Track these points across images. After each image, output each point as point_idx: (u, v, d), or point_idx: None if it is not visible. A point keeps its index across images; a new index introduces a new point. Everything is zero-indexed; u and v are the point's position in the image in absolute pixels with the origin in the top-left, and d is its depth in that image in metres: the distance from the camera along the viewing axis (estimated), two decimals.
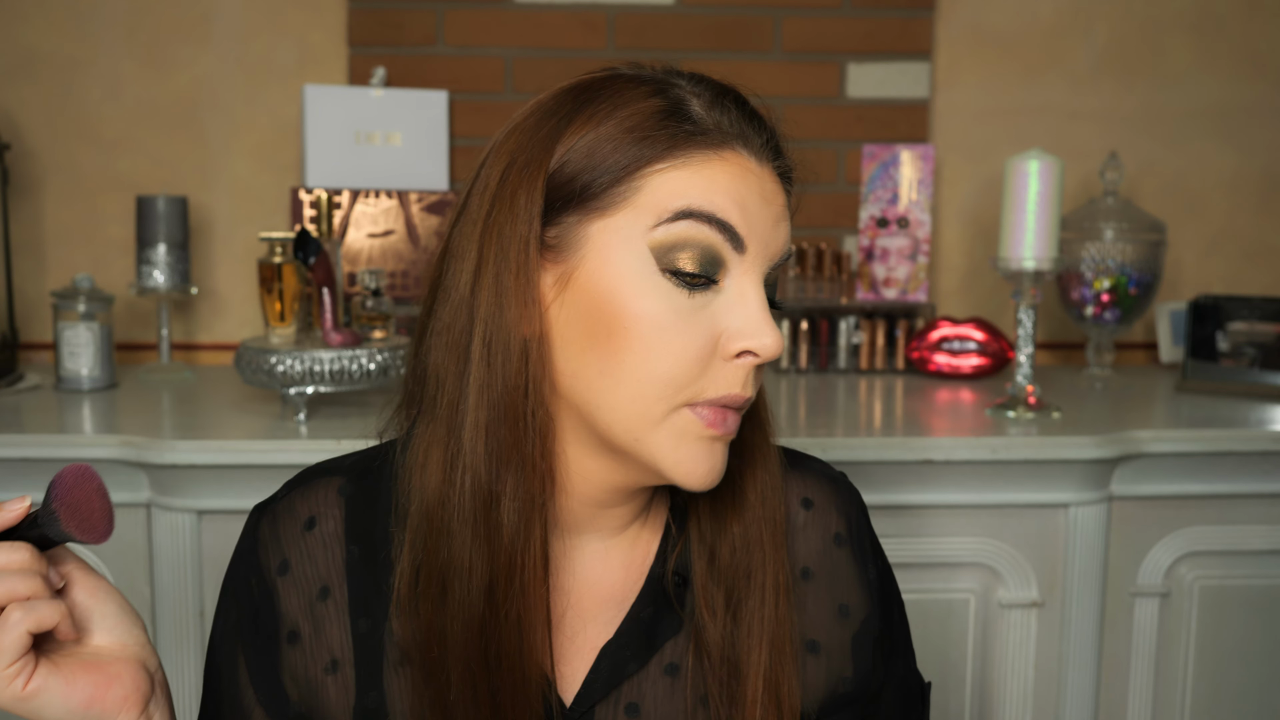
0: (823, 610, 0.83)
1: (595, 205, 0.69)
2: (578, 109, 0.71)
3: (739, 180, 0.69)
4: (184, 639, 1.41)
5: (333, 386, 1.50)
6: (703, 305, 0.68)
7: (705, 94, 0.71)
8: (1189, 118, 2.11)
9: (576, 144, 0.69)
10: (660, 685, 0.77)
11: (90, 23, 1.95)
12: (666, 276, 0.68)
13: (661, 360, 0.68)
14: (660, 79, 0.72)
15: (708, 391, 0.69)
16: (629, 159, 0.68)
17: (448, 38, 1.99)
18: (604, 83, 0.72)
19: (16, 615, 0.63)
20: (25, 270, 1.95)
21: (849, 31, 2.04)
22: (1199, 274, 2.15)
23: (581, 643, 0.78)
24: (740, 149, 0.70)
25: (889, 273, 2.02)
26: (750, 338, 0.69)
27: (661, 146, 0.68)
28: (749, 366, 0.70)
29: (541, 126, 0.71)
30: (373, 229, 1.89)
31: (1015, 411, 1.58)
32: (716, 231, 0.68)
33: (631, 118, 0.69)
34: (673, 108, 0.69)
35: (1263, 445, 1.52)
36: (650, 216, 0.68)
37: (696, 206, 0.68)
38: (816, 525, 0.85)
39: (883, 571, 0.88)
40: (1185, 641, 1.56)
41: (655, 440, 0.69)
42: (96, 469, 0.68)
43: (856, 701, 0.83)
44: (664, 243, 0.68)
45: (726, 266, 0.69)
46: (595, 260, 0.69)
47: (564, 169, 0.69)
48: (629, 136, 0.69)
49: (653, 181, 0.68)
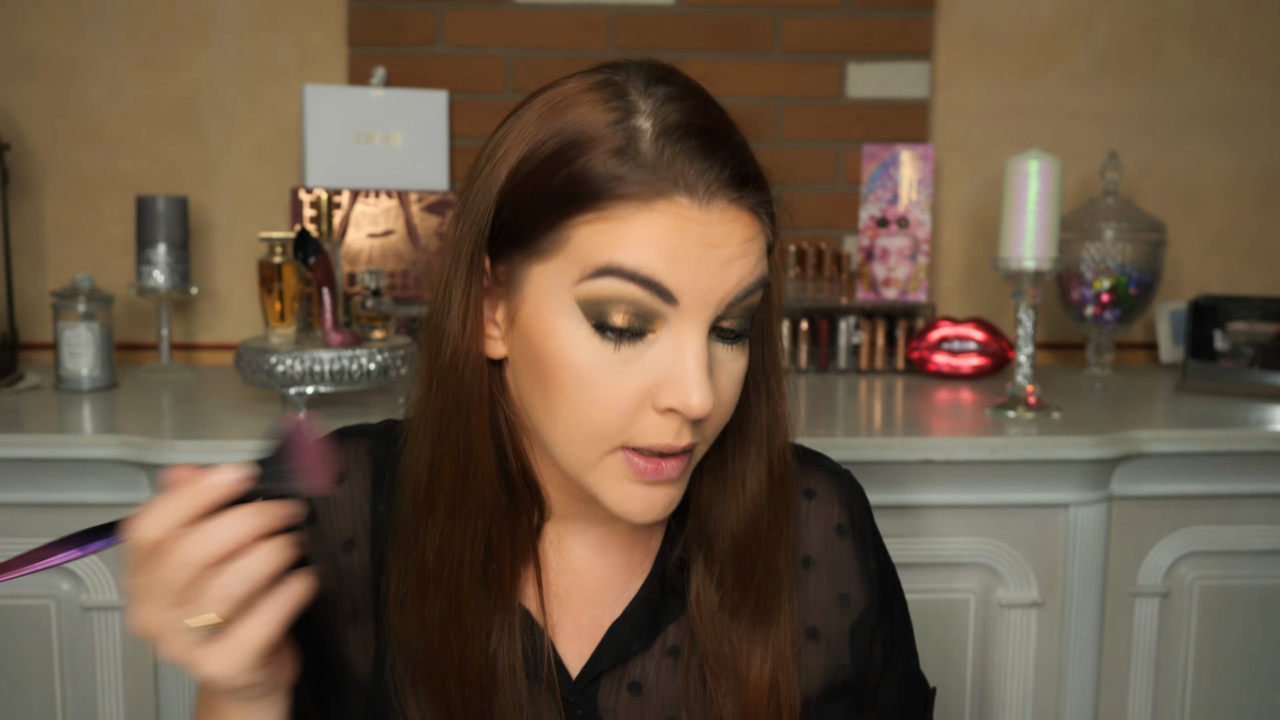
0: (823, 598, 0.85)
1: (532, 249, 0.69)
2: (539, 133, 0.69)
3: (672, 231, 0.65)
4: None
5: (333, 386, 1.50)
6: (633, 357, 0.68)
7: (663, 123, 0.67)
8: (1189, 118, 2.11)
9: (525, 179, 0.69)
10: (663, 666, 0.80)
11: (90, 23, 1.95)
12: (594, 329, 0.67)
13: (587, 410, 0.68)
14: (626, 103, 0.68)
15: (638, 440, 0.69)
16: (561, 208, 0.67)
17: (448, 38, 1.99)
18: (573, 100, 0.70)
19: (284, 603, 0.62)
20: (25, 270, 1.95)
21: (849, 31, 2.04)
22: (1199, 274, 2.15)
23: (588, 621, 0.80)
24: (679, 196, 0.66)
25: (889, 273, 2.02)
26: (675, 395, 0.67)
27: (590, 198, 0.66)
28: (679, 420, 0.69)
29: (505, 145, 0.71)
30: (373, 229, 1.89)
31: (1015, 411, 1.58)
32: (640, 288, 0.66)
33: (576, 160, 0.67)
34: (617, 146, 0.66)
35: (1263, 445, 1.52)
36: (576, 270, 0.67)
37: (618, 263, 0.65)
38: (819, 515, 0.86)
39: (884, 565, 0.89)
40: (1185, 641, 1.56)
41: (593, 478, 0.71)
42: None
43: (854, 691, 0.85)
44: (589, 298, 0.67)
45: (662, 317, 0.67)
46: (532, 304, 0.70)
47: (511, 204, 0.70)
48: (565, 183, 0.67)
49: (580, 233, 0.67)
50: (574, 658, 0.79)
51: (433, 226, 1.91)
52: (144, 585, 0.60)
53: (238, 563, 0.60)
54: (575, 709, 0.77)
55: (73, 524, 1.40)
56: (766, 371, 0.78)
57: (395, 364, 1.53)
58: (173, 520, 0.60)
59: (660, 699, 0.79)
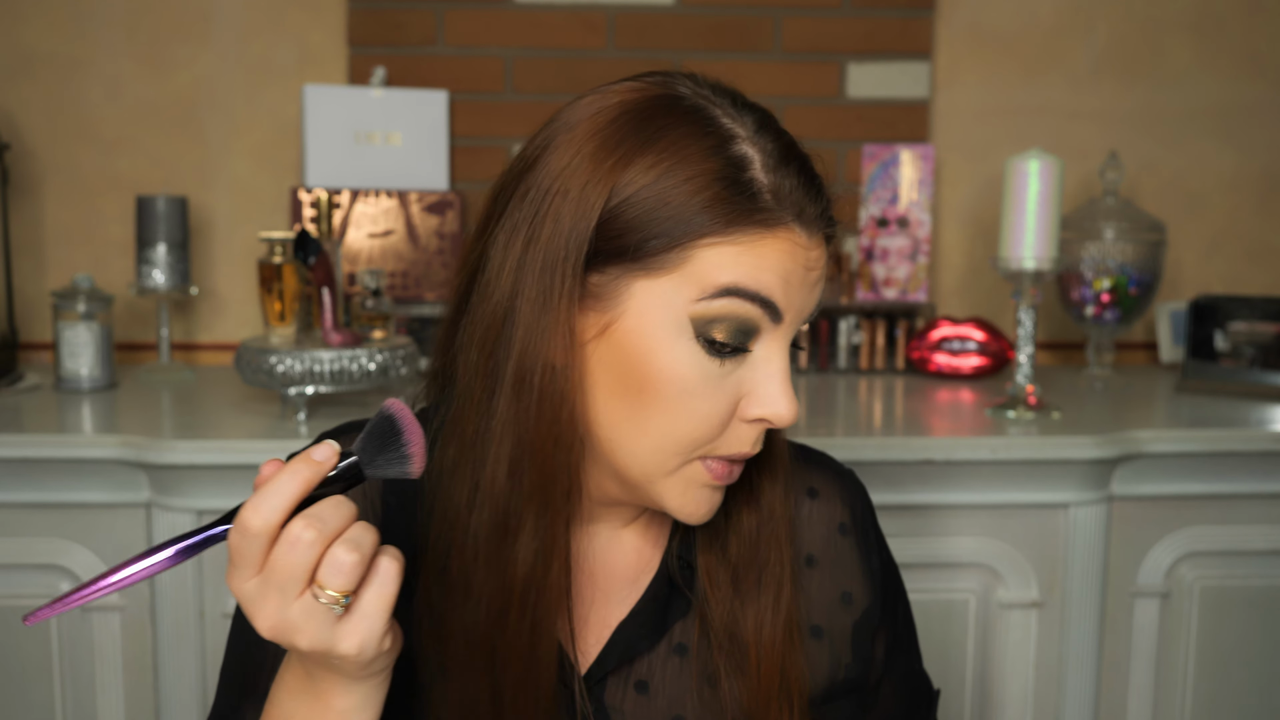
0: (826, 597, 0.85)
1: (643, 265, 0.69)
2: (639, 149, 0.69)
3: (788, 257, 0.69)
4: (184, 639, 1.41)
5: (333, 386, 1.50)
6: (731, 371, 0.70)
7: (770, 157, 0.70)
8: (1189, 118, 2.11)
9: (633, 196, 0.68)
10: (669, 665, 0.80)
11: (90, 23, 1.95)
12: (700, 343, 0.69)
13: (687, 423, 0.70)
14: (723, 130, 0.70)
15: (720, 449, 0.72)
16: (683, 228, 0.68)
17: (448, 38, 1.99)
18: (667, 118, 0.70)
19: (394, 568, 0.63)
20: (25, 270, 1.95)
21: (849, 31, 2.04)
22: (1199, 274, 2.15)
23: (595, 620, 0.81)
24: (794, 225, 0.70)
25: (889, 273, 2.02)
26: (768, 406, 0.71)
27: (718, 221, 0.68)
28: (762, 429, 0.72)
29: (600, 156, 0.69)
30: (373, 229, 1.88)
31: (1015, 411, 1.58)
32: (757, 307, 0.69)
33: (693, 180, 0.68)
34: (734, 173, 0.68)
35: (1263, 445, 1.52)
36: (695, 289, 0.68)
37: (743, 285, 0.68)
38: (821, 514, 0.87)
39: (887, 564, 0.90)
40: (1185, 641, 1.56)
41: (665, 485, 0.73)
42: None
43: (858, 690, 0.86)
44: (705, 315, 0.69)
45: (759, 333, 0.70)
46: (634, 318, 0.70)
47: (616, 220, 0.69)
48: (687, 203, 0.68)
49: (704, 254, 0.68)
50: (581, 656, 0.80)
51: (433, 227, 1.91)
52: (265, 579, 0.61)
53: (350, 534, 0.61)
54: (585, 706, 0.78)
55: (73, 524, 1.41)
56: None
57: (395, 364, 1.53)
58: (285, 505, 0.60)
59: (667, 697, 0.80)
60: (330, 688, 0.66)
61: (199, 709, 1.42)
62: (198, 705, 1.42)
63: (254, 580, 0.61)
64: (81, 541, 1.42)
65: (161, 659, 1.43)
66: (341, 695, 0.66)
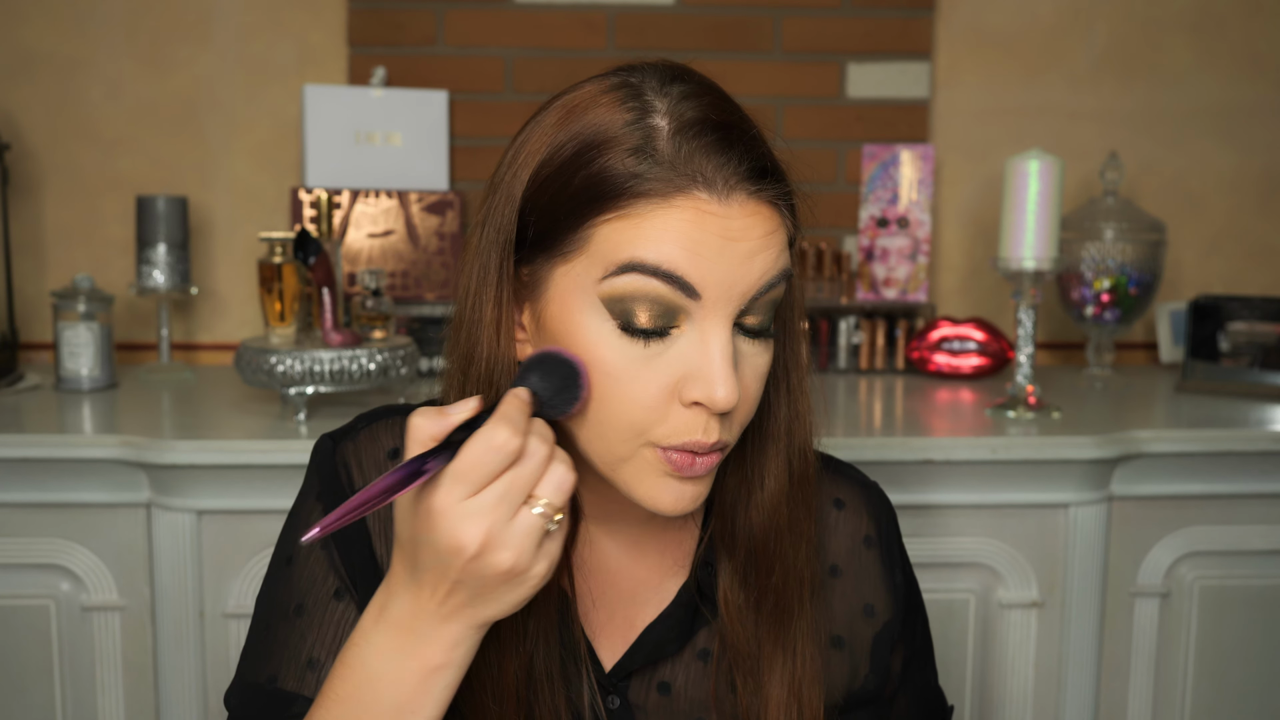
0: (848, 607, 0.86)
1: (555, 250, 0.70)
2: (559, 139, 0.70)
3: (692, 225, 0.66)
4: (184, 639, 1.41)
5: (333, 386, 1.49)
6: (659, 352, 0.68)
7: (679, 120, 0.68)
8: (1189, 118, 2.11)
9: (544, 183, 0.70)
10: (693, 669, 0.81)
11: (90, 23, 1.95)
12: (619, 327, 0.68)
13: (617, 407, 0.69)
14: (642, 103, 0.69)
15: (669, 438, 0.70)
16: (583, 208, 0.68)
17: (448, 38, 1.99)
18: (593, 106, 0.70)
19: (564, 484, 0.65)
20: (25, 270, 1.95)
21: (849, 31, 2.04)
22: (1199, 274, 2.15)
23: (621, 619, 0.81)
24: (698, 191, 0.66)
25: (889, 273, 2.02)
26: (701, 389, 0.68)
27: (610, 197, 0.67)
28: (707, 415, 0.69)
29: (529, 149, 0.72)
30: (373, 229, 1.88)
31: (1015, 411, 1.58)
32: (663, 283, 0.66)
33: (594, 160, 0.68)
34: (634, 147, 0.67)
35: (1263, 445, 1.52)
36: (599, 268, 0.68)
37: (640, 259, 0.66)
38: (847, 525, 0.87)
39: (908, 579, 0.90)
40: (1185, 641, 1.56)
41: (624, 473, 0.72)
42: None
43: (874, 701, 0.86)
44: (612, 295, 0.67)
45: (686, 312, 0.68)
46: (556, 305, 0.70)
47: (534, 209, 0.70)
48: (586, 183, 0.68)
49: (601, 232, 0.67)
50: (608, 654, 0.80)
51: (433, 226, 1.91)
52: (494, 491, 0.62)
53: (560, 454, 0.65)
54: (611, 702, 0.79)
55: (73, 524, 1.41)
56: (787, 368, 0.79)
57: (395, 364, 1.53)
58: (525, 429, 0.63)
59: (689, 700, 0.80)
60: (438, 642, 0.65)
61: (199, 709, 1.42)
62: (198, 705, 1.42)
63: (479, 497, 0.62)
64: (81, 541, 1.42)
65: (161, 659, 1.42)
66: (448, 649, 0.65)
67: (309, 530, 0.60)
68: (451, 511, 0.62)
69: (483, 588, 0.63)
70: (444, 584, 0.64)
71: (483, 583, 0.63)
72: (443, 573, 0.63)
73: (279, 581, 0.81)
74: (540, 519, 0.63)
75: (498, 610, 0.65)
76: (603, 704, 0.78)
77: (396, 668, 0.66)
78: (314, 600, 0.78)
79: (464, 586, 0.63)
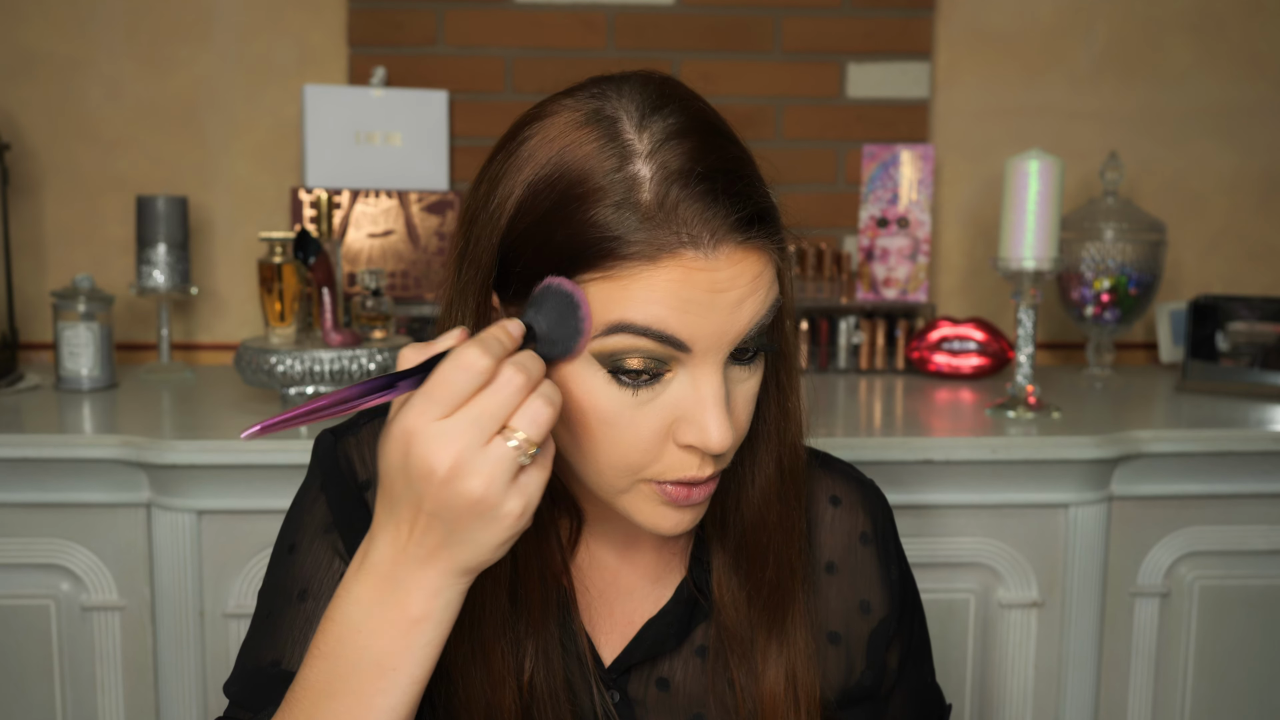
0: (844, 604, 0.86)
1: None
2: (533, 179, 0.68)
3: (680, 284, 0.65)
4: (184, 639, 1.41)
5: (333, 386, 1.49)
6: (650, 399, 0.68)
7: (663, 170, 0.66)
8: (1189, 118, 2.11)
9: (522, 233, 0.69)
10: (691, 665, 0.82)
11: (90, 23, 1.95)
12: (611, 376, 0.68)
13: (612, 450, 0.69)
14: (621, 146, 0.67)
15: (665, 475, 0.70)
16: (563, 264, 0.66)
17: (448, 38, 1.99)
18: (567, 139, 0.68)
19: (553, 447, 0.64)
20: (25, 270, 1.95)
21: (849, 31, 2.04)
22: (1199, 274, 2.15)
23: (620, 617, 0.82)
24: (683, 250, 0.65)
25: (889, 273, 2.02)
26: (694, 433, 0.68)
27: (594, 258, 0.66)
28: (699, 454, 0.70)
29: (500, 191, 0.70)
30: (373, 229, 1.88)
31: (1015, 411, 1.58)
32: (653, 342, 0.66)
33: (575, 215, 0.66)
34: (620, 199, 0.65)
35: (1263, 445, 1.52)
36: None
37: (629, 320, 0.66)
38: (843, 522, 0.88)
39: (905, 576, 0.90)
40: (1185, 641, 1.56)
41: (624, 502, 0.73)
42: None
43: (871, 697, 0.87)
44: (602, 351, 0.67)
45: (677, 359, 0.68)
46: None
47: (513, 257, 0.69)
48: (567, 242, 0.66)
49: (590, 290, 0.66)
50: (607, 650, 0.81)
51: (433, 226, 1.91)
52: (465, 416, 0.61)
53: (546, 389, 0.63)
54: (612, 697, 0.80)
55: (73, 524, 1.41)
56: (775, 367, 0.79)
57: (395, 364, 1.53)
58: (504, 354, 0.62)
59: (687, 696, 0.81)
60: (417, 589, 0.64)
61: (199, 709, 1.42)
62: (198, 705, 1.42)
63: (450, 419, 0.61)
64: (81, 541, 1.42)
65: (161, 659, 1.43)
66: (428, 599, 0.64)
67: (254, 425, 0.60)
68: (422, 432, 0.61)
69: (456, 521, 0.61)
70: (420, 517, 0.62)
71: (455, 515, 0.61)
72: (416, 504, 0.62)
73: (282, 568, 0.81)
74: (514, 451, 0.61)
75: (473, 553, 0.63)
76: (598, 700, 0.79)
77: (377, 618, 0.64)
78: (319, 584, 0.79)
79: (438, 520, 0.62)
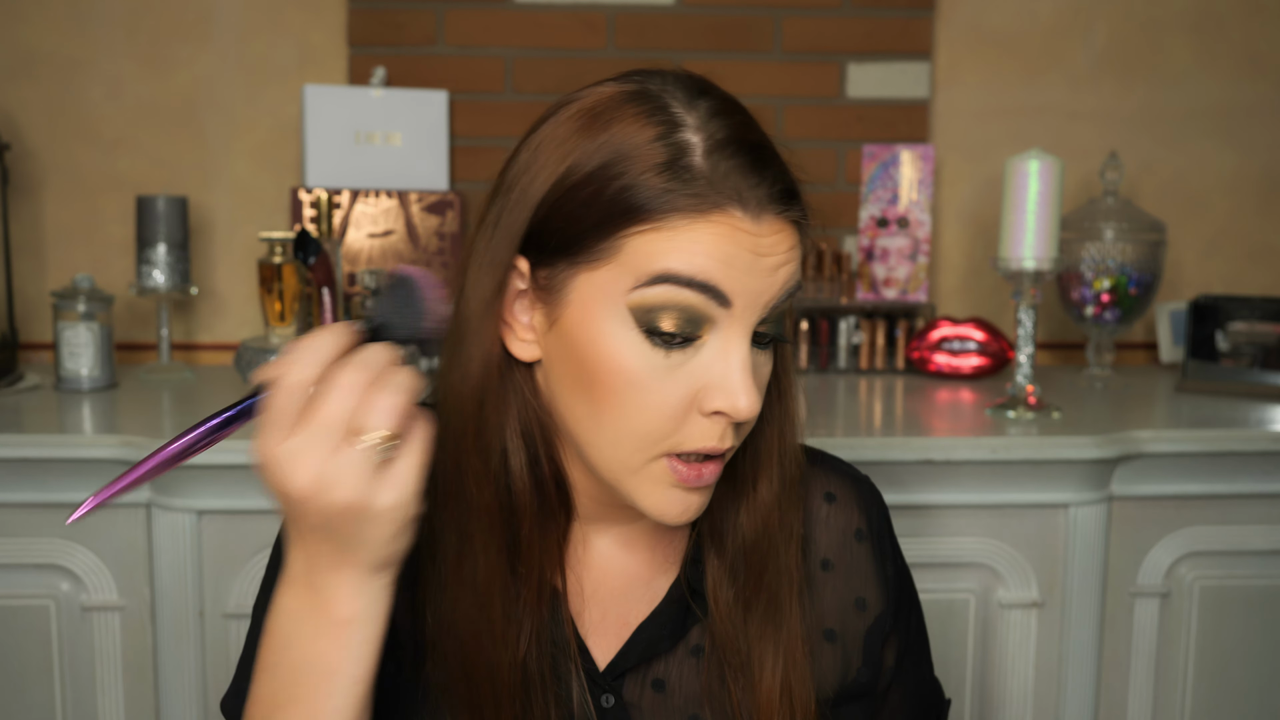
0: (840, 601, 0.86)
1: (580, 257, 0.70)
2: (584, 146, 0.70)
3: (726, 240, 0.67)
4: (184, 639, 1.41)
5: None
6: (681, 362, 0.69)
7: (712, 139, 0.69)
8: (1189, 118, 2.11)
9: (572, 189, 0.69)
10: (686, 665, 0.81)
11: (90, 23, 1.95)
12: (645, 335, 0.68)
13: (637, 416, 0.70)
14: (670, 117, 0.69)
15: (684, 444, 0.71)
16: (616, 218, 0.68)
17: (448, 38, 1.99)
18: (618, 113, 0.70)
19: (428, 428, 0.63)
20: (25, 270, 1.95)
21: (849, 31, 2.04)
22: (1199, 274, 2.15)
23: (614, 618, 0.81)
24: (733, 208, 0.68)
25: (889, 273, 2.02)
26: (723, 399, 0.69)
27: (648, 208, 0.67)
28: (725, 423, 0.70)
29: (543, 155, 0.71)
30: (373, 229, 1.89)
31: (1015, 411, 1.58)
32: (697, 293, 0.67)
33: (628, 171, 0.68)
34: (670, 160, 0.68)
35: (1263, 445, 1.52)
36: (630, 277, 0.68)
37: (675, 270, 0.67)
38: (838, 519, 0.88)
39: (901, 572, 0.90)
40: (1185, 641, 1.56)
41: (632, 484, 0.72)
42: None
43: (868, 694, 0.86)
44: (642, 304, 0.68)
45: (711, 322, 0.69)
46: (578, 310, 0.70)
47: (558, 214, 0.70)
48: (619, 193, 0.68)
49: (633, 242, 0.68)
50: (601, 653, 0.80)
51: (433, 226, 1.91)
52: (307, 430, 0.60)
53: (392, 379, 0.62)
54: (605, 701, 0.79)
55: (73, 524, 1.41)
56: (778, 373, 0.79)
57: None
58: (325, 360, 0.61)
59: (683, 697, 0.81)
60: (336, 593, 0.64)
61: (199, 709, 1.42)
62: (198, 705, 1.42)
63: (294, 438, 0.60)
64: (81, 541, 1.42)
65: (161, 659, 1.43)
66: (349, 600, 0.64)
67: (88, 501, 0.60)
68: (275, 458, 0.61)
69: (340, 529, 0.62)
70: (312, 532, 0.63)
71: (335, 524, 0.61)
72: (303, 520, 0.62)
73: (267, 590, 0.81)
74: (368, 451, 0.60)
75: (371, 551, 0.63)
76: (593, 703, 0.78)
77: (308, 626, 0.65)
78: None
79: (325, 531, 0.62)
